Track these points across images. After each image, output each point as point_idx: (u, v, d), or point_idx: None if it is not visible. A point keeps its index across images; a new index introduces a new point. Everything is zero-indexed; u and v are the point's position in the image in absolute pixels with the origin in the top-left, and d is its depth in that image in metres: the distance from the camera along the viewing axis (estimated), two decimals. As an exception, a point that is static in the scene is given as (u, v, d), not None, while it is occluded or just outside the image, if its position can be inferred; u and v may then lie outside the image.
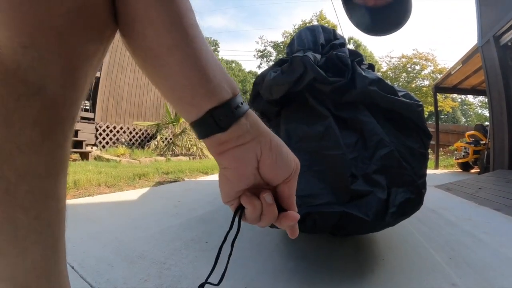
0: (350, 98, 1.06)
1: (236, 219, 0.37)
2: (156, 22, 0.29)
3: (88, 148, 5.01)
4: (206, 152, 6.10)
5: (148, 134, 6.81)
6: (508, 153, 3.99)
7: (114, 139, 6.09)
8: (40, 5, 0.26)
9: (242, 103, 0.33)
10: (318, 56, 1.15)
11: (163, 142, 6.28)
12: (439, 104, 10.21)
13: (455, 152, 5.93)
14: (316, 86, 1.07)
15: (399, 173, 0.97)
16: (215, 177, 3.44)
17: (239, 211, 0.37)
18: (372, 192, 0.92)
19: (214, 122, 0.31)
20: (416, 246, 1.38)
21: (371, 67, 1.39)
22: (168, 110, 6.66)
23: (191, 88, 0.30)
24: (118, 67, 6.23)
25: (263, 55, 22.53)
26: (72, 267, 0.98)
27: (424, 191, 1.00)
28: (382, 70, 17.64)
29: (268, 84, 1.12)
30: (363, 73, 1.09)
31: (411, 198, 0.96)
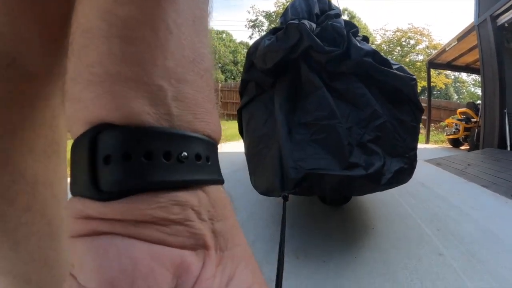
0: (345, 69, 1.06)
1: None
2: None
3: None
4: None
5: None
6: (498, 132, 4.08)
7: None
8: None
9: (204, 158, 0.15)
10: (314, 26, 1.14)
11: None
12: (432, 80, 10.23)
13: (446, 128, 6.01)
14: (311, 55, 1.06)
15: (392, 144, 1.01)
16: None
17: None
18: (369, 161, 0.95)
19: (91, 163, 0.13)
20: (405, 217, 1.43)
21: (366, 39, 1.38)
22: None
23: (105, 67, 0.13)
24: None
25: (254, 25, 21.98)
26: None
27: (415, 163, 1.04)
28: (376, 43, 17.44)
29: (262, 52, 1.11)
30: (358, 44, 1.09)
31: (404, 167, 0.99)
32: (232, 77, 22.86)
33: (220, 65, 23.23)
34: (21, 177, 0.28)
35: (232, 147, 3.80)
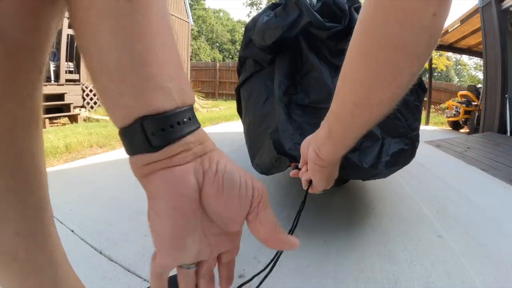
0: (347, 46, 1.01)
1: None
2: None
3: (76, 111, 4.87)
4: (197, 105, 6.07)
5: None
6: (498, 117, 4.06)
7: (102, 98, 5.93)
8: None
9: (190, 118, 0.24)
10: (314, 1, 1.08)
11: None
12: (433, 61, 10.07)
13: (446, 110, 5.97)
14: (312, 31, 1.01)
15: (394, 124, 0.97)
16: (206, 130, 3.37)
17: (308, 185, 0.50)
18: (366, 145, 0.92)
19: (144, 136, 0.22)
20: (405, 198, 1.43)
21: None
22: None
23: (119, 77, 0.21)
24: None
25: (252, 3, 21.41)
26: (72, 231, 0.99)
27: (417, 143, 1.01)
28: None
29: (261, 29, 1.06)
30: None
31: (404, 149, 0.97)
32: (230, 56, 22.44)
33: (217, 44, 22.75)
34: (6, 146, 0.29)
35: (230, 127, 3.76)
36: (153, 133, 0.22)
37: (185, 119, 0.23)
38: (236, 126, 3.58)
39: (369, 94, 0.34)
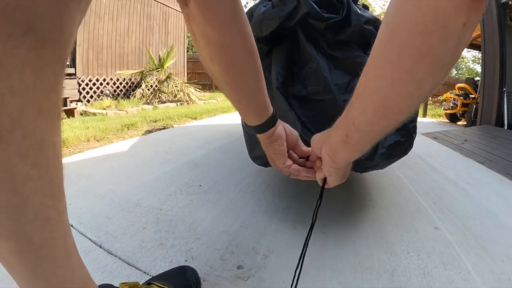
0: (344, 37, 1.01)
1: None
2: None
3: (73, 105, 4.82)
4: (194, 97, 6.02)
5: (133, 83, 6.55)
6: (496, 110, 4.07)
7: (98, 92, 5.84)
8: None
9: (275, 111, 0.59)
10: None
11: (148, 90, 6.08)
12: (432, 55, 10.02)
13: (444, 103, 5.98)
14: (310, 22, 1.00)
15: None
16: (204, 122, 3.43)
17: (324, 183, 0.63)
18: None
19: (272, 122, 0.60)
20: (403, 189, 1.44)
21: (365, 8, 1.31)
22: (151, 56, 6.32)
23: (263, 106, 0.60)
24: (94, 16, 5.73)
25: None
26: (71, 225, 0.99)
27: (415, 135, 1.01)
28: (375, 13, 17.01)
29: (258, 19, 1.04)
30: (358, 11, 1.03)
31: (401, 141, 0.97)
32: (228, 47, 22.20)
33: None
34: (31, 135, 0.31)
35: (228, 118, 3.74)
36: (274, 119, 0.62)
37: (275, 112, 0.60)
38: (233, 118, 3.57)
39: (391, 103, 0.34)
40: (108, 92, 6.08)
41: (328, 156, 0.48)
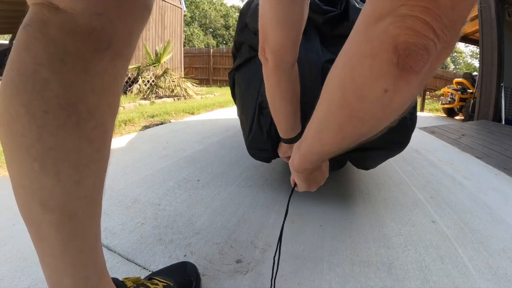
0: (342, 31, 1.00)
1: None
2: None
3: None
4: (191, 92, 5.98)
5: (129, 78, 6.49)
6: (493, 105, 4.08)
7: (95, 86, 5.83)
8: None
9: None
10: None
11: (145, 85, 6.02)
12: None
13: (441, 97, 5.99)
14: (308, 15, 0.99)
15: None
16: (201, 117, 3.41)
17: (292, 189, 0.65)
18: None
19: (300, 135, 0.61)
20: (400, 183, 1.45)
21: (363, 1, 1.30)
22: (148, 51, 6.27)
23: (298, 124, 0.79)
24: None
25: None
26: None
27: (413, 129, 1.01)
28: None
29: (255, 11, 1.03)
30: (357, 5, 1.01)
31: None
32: (224, 42, 22.05)
33: (211, 30, 22.33)
34: (101, 125, 0.38)
35: (225, 113, 3.73)
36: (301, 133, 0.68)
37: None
38: (231, 113, 3.56)
39: (323, 135, 0.38)
40: (105, 87, 6.03)
41: (290, 159, 0.54)
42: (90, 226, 0.41)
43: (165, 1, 7.47)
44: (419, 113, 5.62)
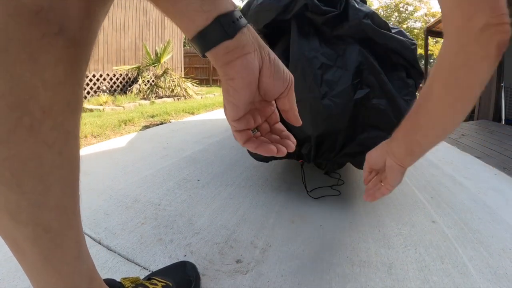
0: (342, 32, 0.99)
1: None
2: None
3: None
4: (191, 92, 5.98)
5: (129, 78, 6.50)
6: (493, 105, 4.09)
7: (95, 88, 5.79)
8: None
9: (241, 17, 0.33)
10: None
11: (145, 85, 6.04)
12: (429, 48, 10.05)
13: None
14: (307, 16, 0.99)
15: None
16: (201, 117, 3.41)
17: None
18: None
19: (223, 29, 0.31)
20: (400, 183, 1.45)
21: (363, 1, 1.30)
22: (148, 51, 6.27)
23: None
24: (90, 9, 5.70)
25: None
26: None
27: None
28: (373, 7, 17.04)
29: (254, 11, 1.03)
30: (356, 5, 1.01)
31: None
32: (225, 41, 22.05)
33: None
34: (59, 126, 0.33)
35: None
36: (228, 25, 0.31)
37: (240, 16, 0.32)
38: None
39: (449, 129, 0.46)
40: (104, 88, 6.04)
41: (397, 164, 0.57)
42: (69, 237, 0.38)
43: (165, 2, 7.47)
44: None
